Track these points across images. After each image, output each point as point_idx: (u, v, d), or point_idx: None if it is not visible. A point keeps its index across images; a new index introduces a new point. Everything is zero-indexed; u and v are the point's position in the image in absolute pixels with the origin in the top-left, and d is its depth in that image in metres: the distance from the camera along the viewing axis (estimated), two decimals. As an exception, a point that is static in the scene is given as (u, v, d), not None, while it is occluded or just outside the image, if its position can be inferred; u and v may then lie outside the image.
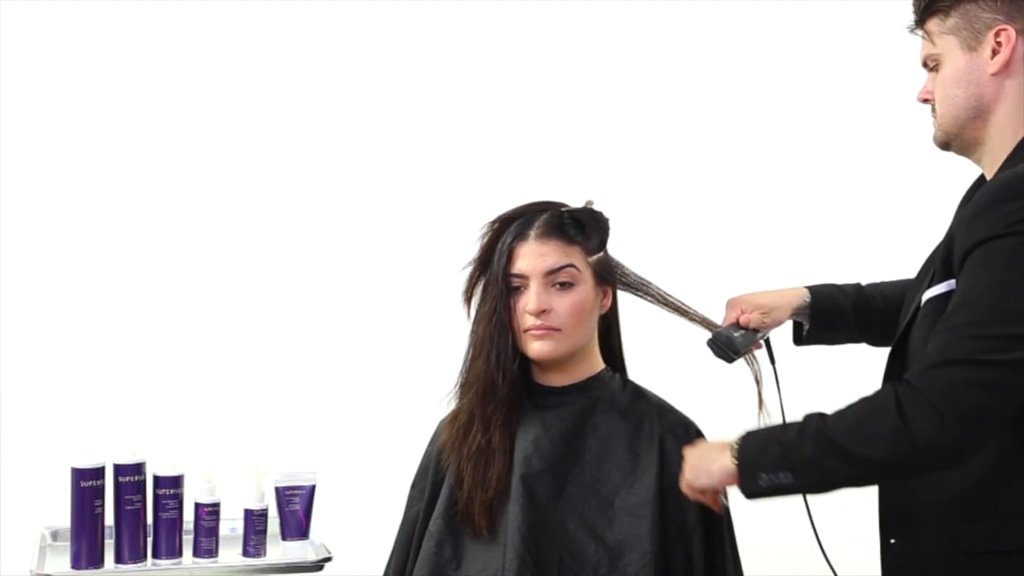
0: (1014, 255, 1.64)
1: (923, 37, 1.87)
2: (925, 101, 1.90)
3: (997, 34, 1.79)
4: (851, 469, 1.69)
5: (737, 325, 2.11)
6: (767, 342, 2.13)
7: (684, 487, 1.90)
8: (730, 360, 2.10)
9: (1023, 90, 1.80)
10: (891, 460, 1.66)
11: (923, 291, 1.81)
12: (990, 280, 1.65)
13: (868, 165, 3.23)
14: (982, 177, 1.92)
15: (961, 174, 2.00)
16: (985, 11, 1.79)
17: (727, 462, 1.79)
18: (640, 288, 2.10)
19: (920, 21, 1.87)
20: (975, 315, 1.65)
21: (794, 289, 2.18)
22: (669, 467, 2.02)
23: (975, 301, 1.66)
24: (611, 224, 2.10)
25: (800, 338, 2.22)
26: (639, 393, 2.12)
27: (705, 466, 1.85)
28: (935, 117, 1.87)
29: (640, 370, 2.18)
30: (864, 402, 1.70)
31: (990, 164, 1.84)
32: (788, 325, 2.20)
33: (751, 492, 1.77)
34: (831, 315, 2.16)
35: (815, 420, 1.73)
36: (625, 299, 2.13)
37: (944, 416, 1.61)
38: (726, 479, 1.82)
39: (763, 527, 2.11)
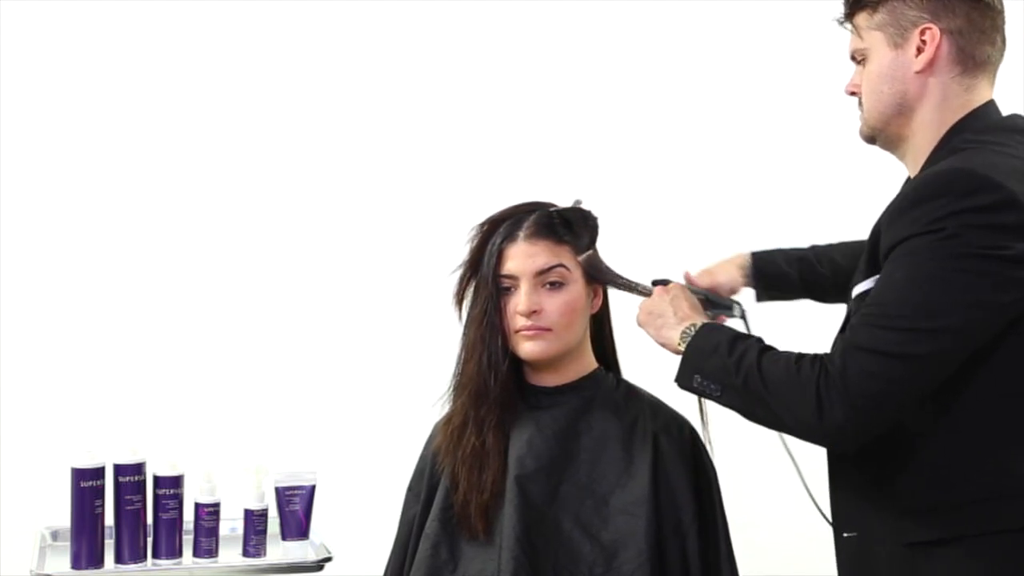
0: (930, 252, 1.69)
1: (851, 31, 1.90)
2: (852, 94, 1.92)
3: (922, 32, 1.81)
4: (767, 416, 1.80)
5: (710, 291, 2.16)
6: (743, 315, 2.13)
7: (636, 319, 2.02)
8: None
9: (946, 88, 1.83)
10: (799, 430, 1.78)
11: (852, 286, 1.85)
12: (905, 274, 1.71)
13: (862, 165, 3.23)
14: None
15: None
16: (911, 9, 1.82)
17: (675, 340, 1.91)
18: (624, 284, 2.10)
19: (849, 15, 1.90)
20: (887, 307, 1.71)
21: (738, 254, 2.24)
22: (663, 465, 2.03)
23: (889, 293, 1.72)
24: (600, 223, 2.10)
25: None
26: (633, 392, 2.13)
27: (657, 324, 1.97)
28: (861, 111, 1.90)
29: (634, 369, 2.18)
30: (793, 368, 1.76)
31: (913, 161, 1.87)
32: None
33: (682, 386, 1.89)
34: (774, 279, 2.23)
35: (754, 354, 1.80)
36: (617, 298, 2.13)
37: (847, 406, 1.70)
38: (668, 349, 1.94)
39: (760, 525, 2.12)
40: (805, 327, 2.35)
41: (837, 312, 1.97)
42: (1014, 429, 1.73)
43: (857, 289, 1.82)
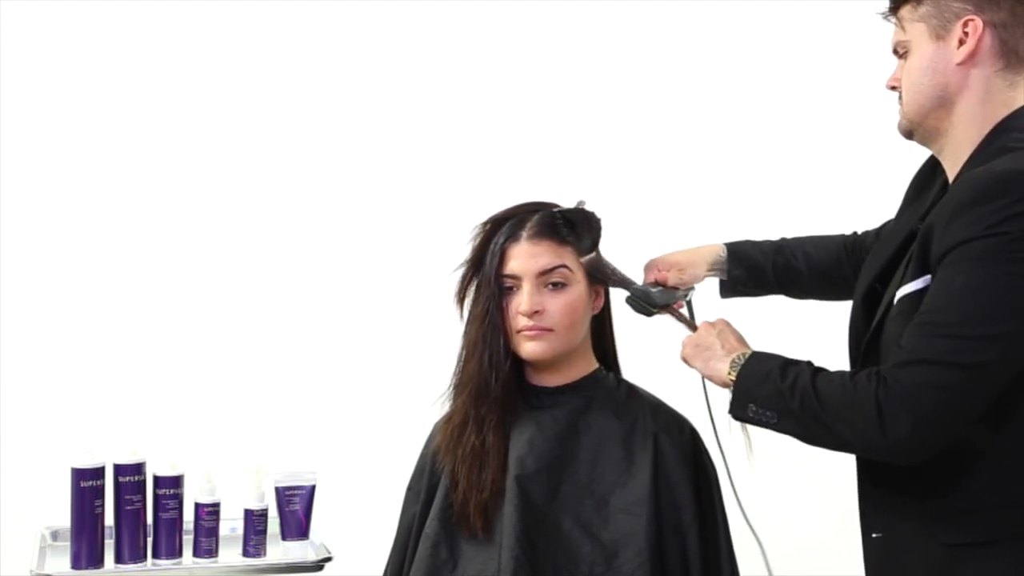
0: (990, 257, 1.66)
1: (895, 24, 1.89)
2: (893, 88, 1.90)
3: (965, 24, 1.80)
4: (827, 437, 1.77)
5: (655, 284, 2.14)
6: (689, 303, 2.14)
7: (680, 355, 1.99)
8: (649, 314, 2.12)
9: (988, 82, 1.81)
10: (863, 447, 1.76)
11: (895, 285, 1.82)
12: (965, 281, 1.67)
13: (864, 164, 3.23)
14: (932, 158, 1.93)
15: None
16: (955, 1, 1.80)
17: (724, 371, 1.88)
18: (629, 286, 2.10)
19: (894, 8, 1.88)
20: (947, 315, 1.68)
21: (710, 246, 2.23)
22: (664, 465, 2.02)
23: (948, 301, 1.68)
24: (603, 224, 2.10)
25: (722, 292, 2.26)
26: (633, 392, 2.13)
27: (705, 356, 1.94)
28: (901, 105, 1.88)
29: (634, 369, 2.18)
30: (849, 385, 1.73)
31: (952, 155, 1.85)
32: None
33: (737, 417, 1.86)
34: (748, 271, 2.22)
35: (807, 375, 1.78)
36: (619, 298, 2.13)
37: (914, 419, 1.66)
38: (716, 382, 1.91)
39: (760, 524, 2.12)
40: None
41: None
42: None
43: (904, 290, 1.78)
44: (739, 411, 1.84)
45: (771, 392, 1.79)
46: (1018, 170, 1.70)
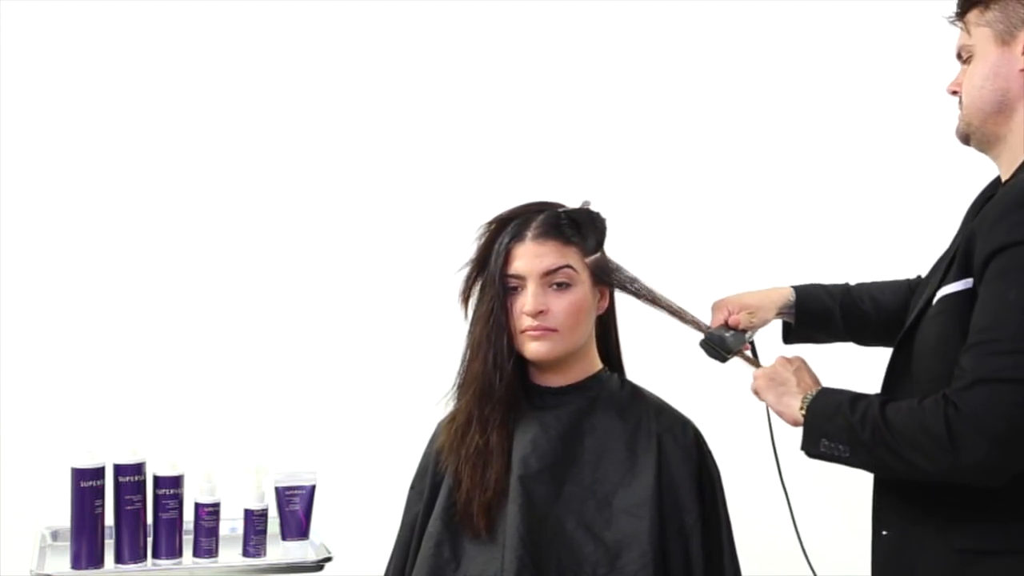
0: None
1: (961, 28, 1.88)
2: (954, 93, 1.90)
3: None
4: (900, 465, 1.74)
5: (726, 326, 2.14)
6: (752, 343, 2.15)
7: (751, 387, 1.98)
8: (724, 360, 2.12)
9: None
10: (936, 472, 1.71)
11: (935, 287, 1.81)
12: (1018, 293, 1.65)
13: (868, 166, 3.23)
14: (997, 180, 1.92)
15: (963, 177, 2.01)
16: None
17: (796, 407, 1.87)
18: (635, 289, 2.10)
19: (961, 12, 1.88)
20: (1003, 331, 1.66)
21: (779, 289, 2.21)
22: (667, 466, 2.02)
23: (1003, 315, 1.66)
24: (608, 225, 2.10)
25: (788, 337, 2.24)
26: (637, 393, 2.12)
27: (779, 391, 1.92)
28: (960, 109, 1.88)
29: (638, 370, 2.18)
30: (917, 410, 1.71)
31: (1008, 162, 1.84)
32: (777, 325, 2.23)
33: (811, 453, 1.84)
34: (816, 315, 2.20)
35: (876, 407, 1.76)
36: (623, 299, 2.13)
37: (988, 440, 1.64)
38: (787, 418, 1.89)
39: (762, 526, 2.12)
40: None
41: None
42: None
43: (945, 290, 1.77)
44: (811, 447, 1.83)
45: (842, 425, 1.78)
46: None
